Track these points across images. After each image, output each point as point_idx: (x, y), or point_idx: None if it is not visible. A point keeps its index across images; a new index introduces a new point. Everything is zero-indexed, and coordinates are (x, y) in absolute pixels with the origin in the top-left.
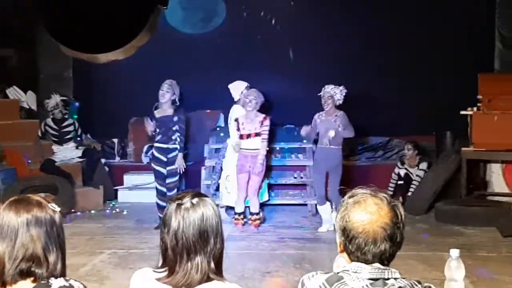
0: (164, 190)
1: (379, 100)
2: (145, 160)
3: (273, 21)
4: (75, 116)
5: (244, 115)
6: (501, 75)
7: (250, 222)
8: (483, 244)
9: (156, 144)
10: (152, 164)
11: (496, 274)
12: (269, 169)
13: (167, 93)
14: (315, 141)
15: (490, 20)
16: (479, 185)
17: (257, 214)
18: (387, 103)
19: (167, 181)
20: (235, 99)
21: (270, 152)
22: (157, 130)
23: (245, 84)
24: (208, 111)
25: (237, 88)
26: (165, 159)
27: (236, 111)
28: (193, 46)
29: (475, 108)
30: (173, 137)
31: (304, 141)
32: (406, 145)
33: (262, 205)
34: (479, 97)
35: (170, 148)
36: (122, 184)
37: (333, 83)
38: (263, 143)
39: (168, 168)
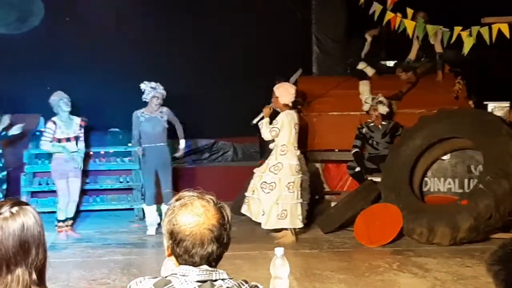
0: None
1: (204, 102)
2: None
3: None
4: None
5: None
6: (318, 78)
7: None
8: (305, 241)
9: None
10: None
11: (318, 269)
12: (93, 174)
13: None
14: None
15: (307, 26)
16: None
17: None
18: (212, 105)
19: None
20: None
21: (88, 157)
22: None
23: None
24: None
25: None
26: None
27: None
28: (7, 47)
29: None
30: None
31: (130, 144)
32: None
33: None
34: (298, 99)
35: None
36: None
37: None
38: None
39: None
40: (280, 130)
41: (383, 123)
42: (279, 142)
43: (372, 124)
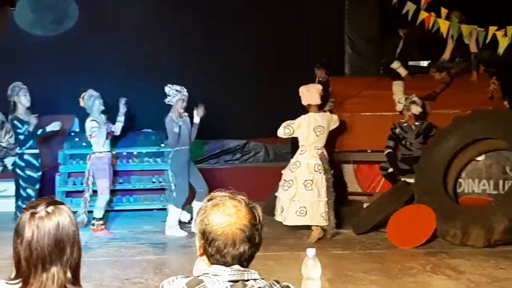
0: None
1: (236, 103)
2: None
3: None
4: None
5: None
6: (351, 79)
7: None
8: (338, 242)
9: (28, 151)
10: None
11: (350, 270)
12: (126, 174)
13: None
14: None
15: (340, 26)
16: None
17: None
18: (244, 106)
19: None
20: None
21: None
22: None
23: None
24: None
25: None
26: (37, 164)
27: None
28: (44, 49)
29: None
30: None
31: (162, 145)
32: None
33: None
34: (331, 99)
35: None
36: None
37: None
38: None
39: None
40: (295, 131)
41: (417, 123)
42: (299, 141)
43: (405, 124)
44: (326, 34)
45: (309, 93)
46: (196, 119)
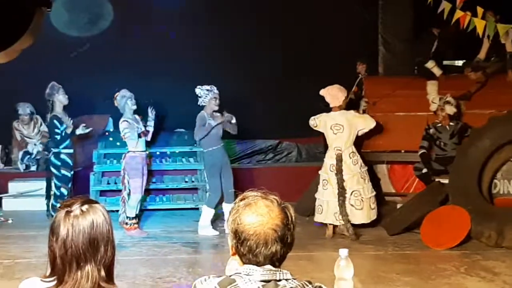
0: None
1: (268, 103)
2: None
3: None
4: None
5: None
6: (384, 78)
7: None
8: (371, 243)
9: (64, 150)
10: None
11: (383, 271)
12: (159, 174)
13: None
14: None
15: (374, 26)
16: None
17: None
18: (276, 106)
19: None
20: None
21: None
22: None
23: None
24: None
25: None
26: (72, 163)
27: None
28: (79, 49)
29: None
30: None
31: (195, 144)
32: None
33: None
34: (365, 99)
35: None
36: (6, 192)
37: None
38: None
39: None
40: (318, 125)
41: (451, 124)
42: None
43: (439, 124)
44: (360, 34)
45: (330, 95)
46: (233, 120)
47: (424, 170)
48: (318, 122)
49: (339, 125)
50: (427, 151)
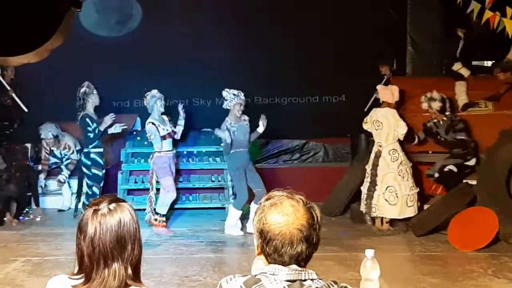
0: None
1: (296, 103)
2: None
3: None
4: None
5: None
6: (413, 79)
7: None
8: (397, 244)
9: (94, 149)
10: (88, 169)
11: (410, 272)
12: (186, 173)
13: None
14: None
15: (402, 26)
16: None
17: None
18: (304, 106)
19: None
20: None
21: (177, 157)
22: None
23: None
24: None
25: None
26: (102, 162)
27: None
28: (108, 49)
29: None
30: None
31: (222, 144)
32: None
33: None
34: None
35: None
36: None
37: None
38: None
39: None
40: (368, 122)
41: (445, 118)
42: None
43: (435, 120)
44: (388, 34)
45: (387, 90)
46: (260, 129)
47: (437, 175)
48: (368, 118)
49: (379, 122)
50: (422, 142)
